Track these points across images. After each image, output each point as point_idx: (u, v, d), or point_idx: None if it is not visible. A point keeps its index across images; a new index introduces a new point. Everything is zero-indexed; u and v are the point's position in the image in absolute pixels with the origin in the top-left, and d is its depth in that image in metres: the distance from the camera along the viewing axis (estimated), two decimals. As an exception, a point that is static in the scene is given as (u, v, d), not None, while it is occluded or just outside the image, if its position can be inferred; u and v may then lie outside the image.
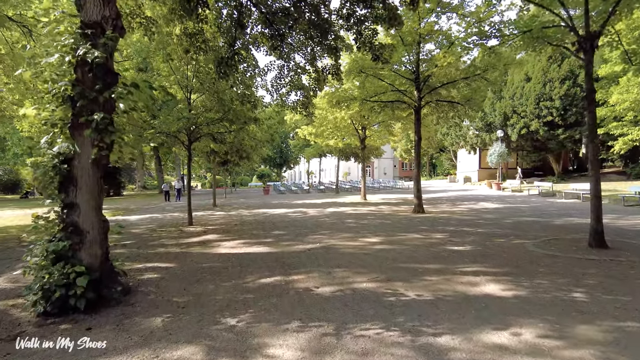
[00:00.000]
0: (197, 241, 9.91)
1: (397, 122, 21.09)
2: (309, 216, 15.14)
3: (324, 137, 23.35)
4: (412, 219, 13.16)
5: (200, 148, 16.17)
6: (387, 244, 8.66)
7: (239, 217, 15.78)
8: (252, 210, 18.62)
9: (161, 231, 12.17)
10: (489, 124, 34.86)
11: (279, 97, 12.49)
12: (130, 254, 8.47)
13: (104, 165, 5.25)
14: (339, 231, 10.78)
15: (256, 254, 7.97)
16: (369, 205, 19.89)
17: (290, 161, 58.64)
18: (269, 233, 10.85)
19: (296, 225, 12.45)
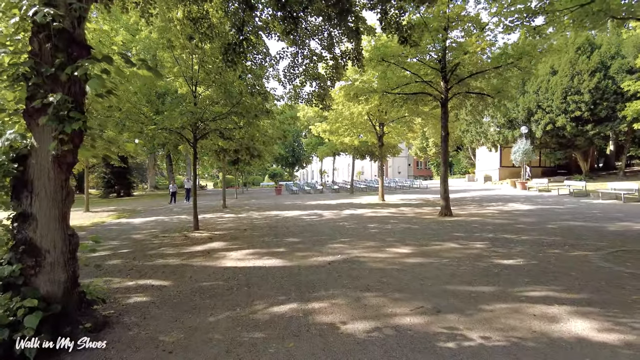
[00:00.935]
0: (200, 250, 8.72)
1: (418, 117, 19.67)
2: (325, 219, 13.87)
3: (339, 134, 22.05)
4: (441, 224, 11.79)
5: (207, 146, 15.04)
6: (422, 256, 7.34)
7: (249, 220, 14.59)
8: (264, 213, 17.42)
9: (164, 237, 11.04)
10: (511, 120, 33.16)
11: (293, 88, 11.26)
12: (123, 267, 7.31)
13: (69, 165, 4.05)
14: (362, 238, 9.49)
15: (267, 269, 6.72)
16: (389, 206, 18.54)
17: (302, 160, 57.44)
18: (282, 240, 9.61)
19: (312, 230, 11.20)
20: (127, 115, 11.01)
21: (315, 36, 10.25)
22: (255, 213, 17.40)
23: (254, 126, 11.58)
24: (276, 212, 17.57)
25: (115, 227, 14.00)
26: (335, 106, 20.47)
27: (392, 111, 18.92)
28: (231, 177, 51.95)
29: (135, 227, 13.64)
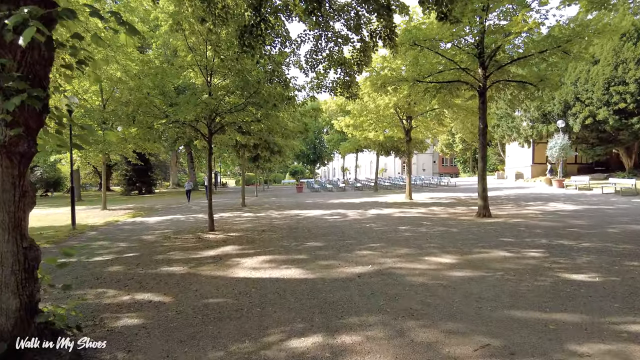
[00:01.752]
0: (212, 255, 7.76)
1: (449, 110, 18.28)
2: (349, 220, 12.76)
3: (363, 129, 20.86)
4: (481, 226, 10.50)
5: (224, 141, 14.14)
6: (469, 268, 6.15)
7: (268, 220, 13.62)
8: (284, 212, 16.44)
9: (175, 238, 10.18)
10: (546, 113, 31.19)
11: (316, 75, 10.18)
12: (123, 275, 6.41)
13: (24, 156, 3.09)
14: (394, 243, 8.34)
15: (285, 283, 5.68)
16: (417, 205, 17.25)
17: (324, 157, 56.39)
18: (303, 245, 8.56)
19: (336, 233, 10.11)
20: (137, 107, 10.19)
21: (340, 16, 9.17)
22: (274, 212, 16.43)
23: (272, 118, 10.56)
24: (297, 211, 16.56)
25: (128, 226, 13.27)
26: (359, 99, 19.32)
27: (422, 103, 17.61)
28: (252, 175, 51.41)
29: (148, 227, 12.87)
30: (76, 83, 18.58)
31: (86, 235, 11.32)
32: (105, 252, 8.62)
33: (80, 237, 11.11)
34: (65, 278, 6.40)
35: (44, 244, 10.01)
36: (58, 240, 10.64)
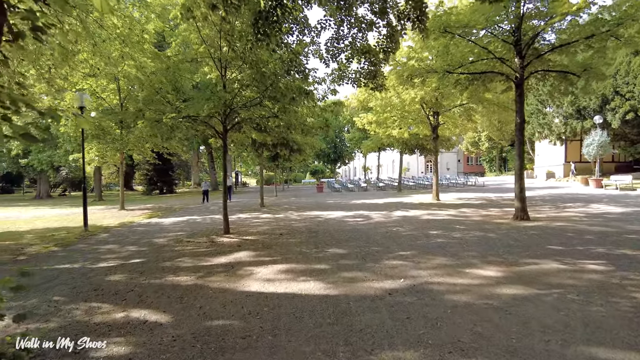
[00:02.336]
0: (223, 263, 7.02)
1: (480, 104, 17.10)
2: (374, 223, 11.86)
3: (387, 125, 19.85)
4: (522, 231, 9.44)
5: (240, 139, 13.45)
6: (520, 284, 5.18)
7: (286, 222, 12.86)
8: (303, 213, 15.66)
9: (188, 242, 9.52)
10: (580, 109, 29.45)
11: (337, 65, 9.34)
12: (123, 286, 5.72)
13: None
14: (427, 251, 7.40)
15: (302, 300, 4.85)
16: (446, 207, 16.18)
17: (344, 156, 55.44)
18: (324, 252, 7.73)
19: (360, 237, 9.24)
20: (146, 101, 9.58)
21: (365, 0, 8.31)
22: (294, 213, 15.67)
23: (290, 113, 9.76)
24: (317, 212, 15.74)
25: (142, 228, 12.74)
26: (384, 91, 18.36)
27: (451, 97, 16.53)
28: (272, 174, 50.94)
29: (162, 229, 12.30)
30: (93, 81, 18.33)
31: (97, 238, 10.80)
32: (112, 257, 8.01)
33: (90, 239, 10.60)
34: (61, 289, 5.76)
35: (52, 247, 9.54)
36: (67, 242, 10.15)
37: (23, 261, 8.10)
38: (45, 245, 9.76)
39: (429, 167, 63.96)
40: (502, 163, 62.08)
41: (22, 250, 9.20)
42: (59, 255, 8.59)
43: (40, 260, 8.11)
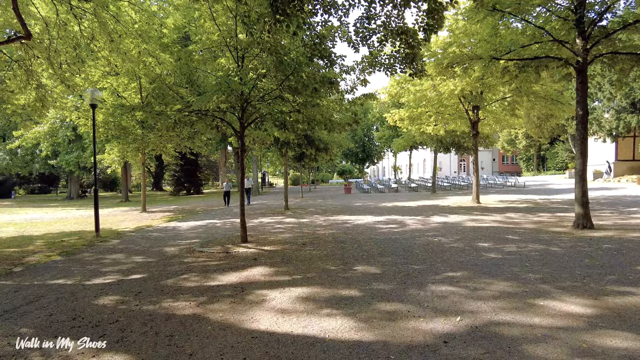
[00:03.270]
0: (234, 283, 5.87)
1: (527, 97, 15.34)
2: (410, 230, 10.48)
3: (422, 121, 18.30)
4: (593, 244, 7.84)
5: (260, 137, 12.34)
6: (627, 330, 3.74)
7: (311, 228, 11.65)
8: (330, 217, 14.41)
9: (200, 252, 8.48)
10: (636, 101, 26.81)
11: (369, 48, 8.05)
12: (109, 314, 4.64)
13: None
14: (481, 272, 6.00)
15: (325, 350, 3.58)
16: (489, 211, 14.54)
17: (373, 156, 53.79)
18: (353, 269, 6.45)
19: (395, 250, 7.90)
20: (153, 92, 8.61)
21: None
22: (320, 218, 14.45)
23: (313, 107, 8.52)
24: (345, 217, 14.47)
25: (157, 233, 11.87)
26: (415, 87, 16.87)
27: (494, 89, 14.88)
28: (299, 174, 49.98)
29: (177, 235, 11.38)
30: (114, 80, 17.76)
31: (105, 245, 9.94)
32: (113, 271, 7.04)
33: (97, 247, 9.75)
34: (36, 316, 4.76)
35: (55, 256, 8.72)
36: (73, 250, 9.33)
37: (17, 273, 7.25)
38: (48, 254, 8.95)
39: (462, 166, 61.40)
40: (540, 162, 58.71)
41: (22, 260, 8.41)
42: (58, 266, 7.72)
43: (35, 272, 7.24)
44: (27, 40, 12.87)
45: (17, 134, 25.50)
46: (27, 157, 34.02)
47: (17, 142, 26.28)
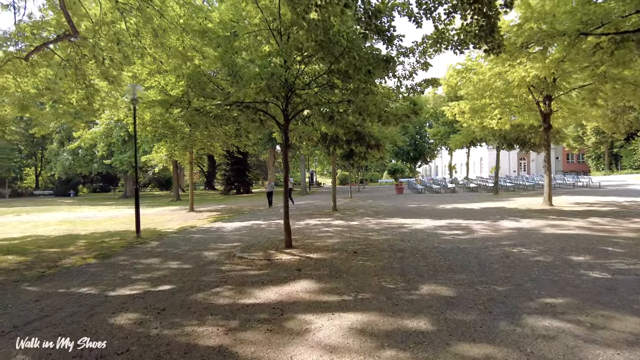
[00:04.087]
0: (272, 303, 4.87)
1: (611, 83, 13.16)
2: (480, 238, 9.02)
3: (485, 114, 16.50)
4: None
5: (308, 133, 11.35)
6: None
7: (362, 232, 10.49)
8: (383, 220, 13.14)
9: (240, 259, 7.61)
10: None
11: (434, 22, 6.79)
12: (117, 341, 3.79)
13: None
14: (589, 298, 4.56)
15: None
16: (568, 215, 12.61)
17: (426, 154, 51.36)
18: (417, 288, 5.23)
19: (468, 264, 6.56)
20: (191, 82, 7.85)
21: None
22: (371, 220, 13.22)
23: (368, 96, 7.35)
24: (400, 220, 13.14)
25: (199, 235, 11.25)
26: (478, 76, 15.15)
27: (571, 75, 12.90)
28: (347, 174, 48.75)
29: (219, 237, 10.68)
30: (161, 78, 17.59)
31: (143, 248, 9.39)
32: (142, 279, 6.32)
33: (135, 249, 9.21)
34: (42, 335, 4.00)
35: (90, 259, 8.23)
36: (110, 253, 8.84)
37: (47, 277, 6.76)
38: (85, 256, 8.50)
39: (522, 165, 57.28)
40: (612, 160, 53.30)
41: (58, 262, 7.99)
42: (90, 270, 7.16)
43: (66, 277, 6.71)
44: (74, 38, 12.90)
45: (77, 134, 26.50)
46: (87, 157, 35.61)
47: (76, 143, 27.33)
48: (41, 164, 50.03)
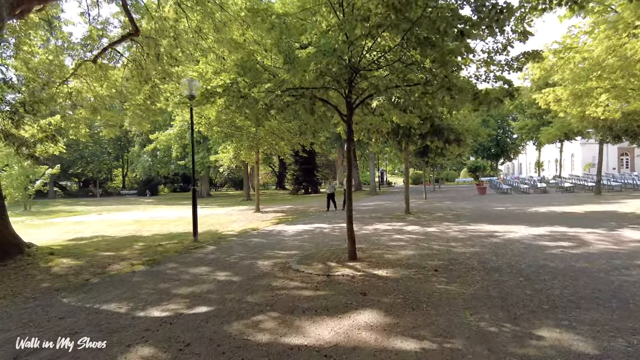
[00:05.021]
0: (323, 346, 3.59)
1: None
2: (598, 253, 6.97)
3: (591, 99, 13.72)
4: None
5: (376, 124, 9.93)
6: None
7: (442, 242, 8.82)
8: (467, 227, 11.27)
9: (296, 273, 6.48)
10: None
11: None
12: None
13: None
14: None
15: None
16: None
17: (509, 150, 46.78)
18: (532, 335, 3.62)
19: (600, 295, 4.72)
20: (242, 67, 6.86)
21: None
22: (452, 226, 11.41)
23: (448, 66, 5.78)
24: (487, 226, 11.18)
25: (258, 239, 10.41)
26: (582, 53, 12.56)
27: None
28: (420, 173, 46.06)
29: (279, 242, 9.72)
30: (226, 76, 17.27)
31: (197, 254, 8.66)
32: (181, 295, 5.44)
33: (188, 255, 8.51)
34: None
35: (139, 265, 7.63)
36: (162, 258, 8.23)
37: (89, 286, 6.20)
38: (135, 262, 7.95)
39: (623, 161, 50.02)
40: None
41: (107, 268, 7.49)
42: (133, 280, 6.49)
43: (106, 287, 6.10)
44: (135, 37, 12.81)
45: (153, 137, 27.63)
46: (165, 158, 37.33)
47: (152, 145, 28.50)
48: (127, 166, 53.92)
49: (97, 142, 48.00)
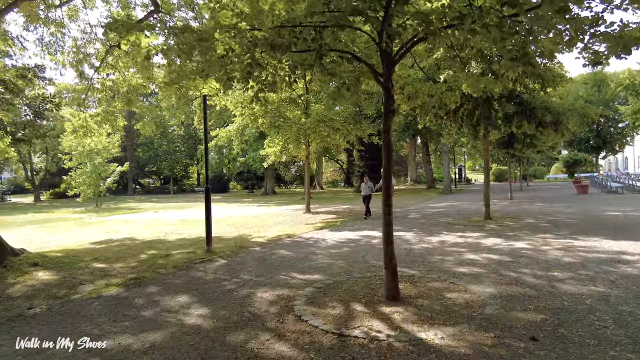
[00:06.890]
0: None
1: None
2: None
3: None
4: None
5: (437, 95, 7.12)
6: None
7: (539, 270, 5.80)
8: (572, 242, 7.97)
9: (297, 322, 4.12)
10: None
11: None
12: None
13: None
14: None
15: None
16: None
17: (614, 142, 39.41)
18: None
19: None
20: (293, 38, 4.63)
21: None
22: (551, 241, 8.17)
23: None
24: (606, 241, 7.79)
25: (285, 251, 8.30)
26: None
27: None
28: (504, 168, 40.57)
29: (306, 257, 7.47)
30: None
31: (196, 271, 6.69)
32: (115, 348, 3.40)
33: (185, 272, 6.58)
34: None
35: (114, 287, 5.84)
36: (152, 276, 6.41)
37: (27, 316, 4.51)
38: (118, 280, 6.31)
39: None
40: None
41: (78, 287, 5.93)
42: (85, 311, 4.64)
43: (45, 319, 4.60)
44: (157, 14, 11.39)
45: (214, 133, 26.83)
46: (230, 155, 36.90)
47: (213, 142, 27.79)
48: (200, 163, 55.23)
49: (170, 141, 49.49)
